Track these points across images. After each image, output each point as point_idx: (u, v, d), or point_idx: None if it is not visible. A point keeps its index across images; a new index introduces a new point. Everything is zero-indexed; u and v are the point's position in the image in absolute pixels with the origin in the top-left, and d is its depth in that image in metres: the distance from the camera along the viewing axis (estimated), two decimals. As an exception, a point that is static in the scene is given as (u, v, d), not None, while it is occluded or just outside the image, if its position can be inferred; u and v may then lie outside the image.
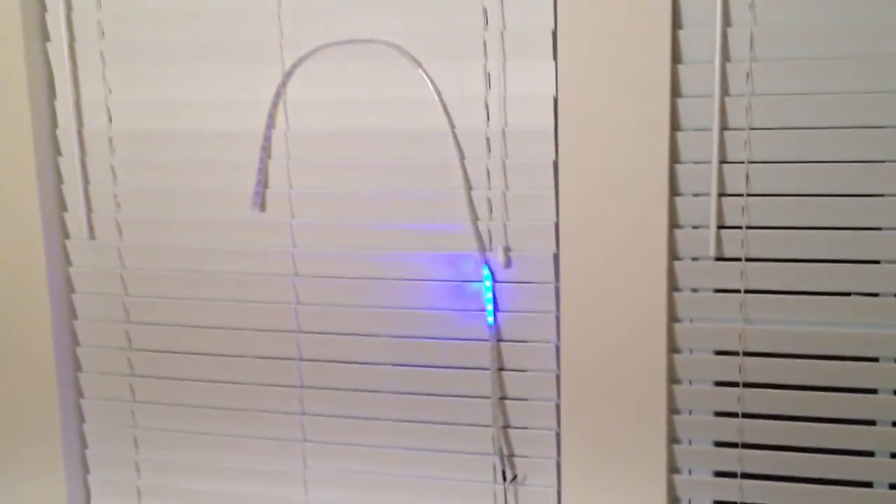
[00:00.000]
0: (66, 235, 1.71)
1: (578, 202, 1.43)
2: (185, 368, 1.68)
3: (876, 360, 1.39)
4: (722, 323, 1.43)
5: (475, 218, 1.49)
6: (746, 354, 1.42)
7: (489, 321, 1.50)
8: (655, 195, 1.40)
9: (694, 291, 1.44)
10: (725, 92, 1.36)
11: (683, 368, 1.45)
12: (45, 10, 1.63)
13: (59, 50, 1.63)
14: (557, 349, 1.49)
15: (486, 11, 1.44)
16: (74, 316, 1.73)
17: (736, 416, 1.44)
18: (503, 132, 1.46)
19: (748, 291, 1.41)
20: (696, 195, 1.40)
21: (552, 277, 1.48)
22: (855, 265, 1.36)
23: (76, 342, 1.74)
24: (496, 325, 1.51)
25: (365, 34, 1.49)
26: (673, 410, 1.47)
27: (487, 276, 1.49)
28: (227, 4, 1.54)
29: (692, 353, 1.46)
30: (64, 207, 1.70)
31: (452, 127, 1.47)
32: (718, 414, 1.46)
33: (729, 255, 1.40)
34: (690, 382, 1.47)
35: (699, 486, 1.48)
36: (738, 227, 1.39)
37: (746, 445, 1.45)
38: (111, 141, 1.65)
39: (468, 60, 1.45)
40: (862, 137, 1.33)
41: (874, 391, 1.39)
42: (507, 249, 1.48)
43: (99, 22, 1.61)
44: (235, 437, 1.68)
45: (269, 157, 1.57)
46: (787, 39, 1.33)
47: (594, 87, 1.39)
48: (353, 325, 1.58)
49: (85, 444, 1.77)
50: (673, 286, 1.43)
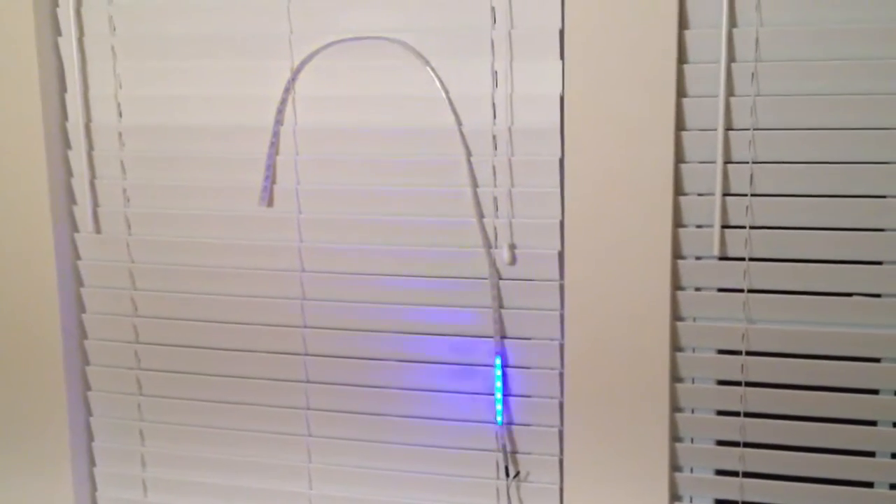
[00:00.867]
0: (74, 229, 1.72)
1: (584, 200, 1.43)
2: (191, 362, 1.69)
3: (878, 360, 1.39)
4: (725, 322, 1.43)
5: (481, 215, 1.50)
6: (749, 354, 1.43)
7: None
8: (660, 194, 1.40)
9: (697, 290, 1.45)
10: (730, 92, 1.37)
11: (686, 367, 1.46)
12: (56, 4, 1.64)
13: (69, 44, 1.64)
14: (561, 347, 1.50)
15: (494, 10, 1.45)
16: (83, 309, 1.74)
17: (738, 415, 1.45)
18: (510, 130, 1.47)
19: (751, 291, 1.41)
20: (700, 195, 1.41)
21: (557, 275, 1.49)
22: (858, 266, 1.37)
23: (84, 335, 1.75)
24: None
25: (374, 31, 1.50)
26: (675, 409, 1.48)
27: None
28: (237, 0, 1.55)
29: (695, 351, 1.47)
30: (73, 201, 1.71)
31: (459, 124, 1.48)
32: (721, 413, 1.47)
33: (732, 254, 1.41)
34: (693, 381, 1.47)
35: (701, 484, 1.49)
36: (741, 226, 1.40)
37: (748, 444, 1.45)
38: (121, 135, 1.66)
39: (476, 59, 1.46)
40: (866, 139, 1.33)
41: (876, 392, 1.40)
42: (512, 247, 1.49)
43: (110, 17, 1.62)
44: (240, 431, 1.69)
45: (277, 152, 1.58)
46: (792, 40, 1.34)
47: (600, 86, 1.40)
48: (358, 321, 1.59)
49: (91, 436, 1.79)
50: (676, 285, 1.44)
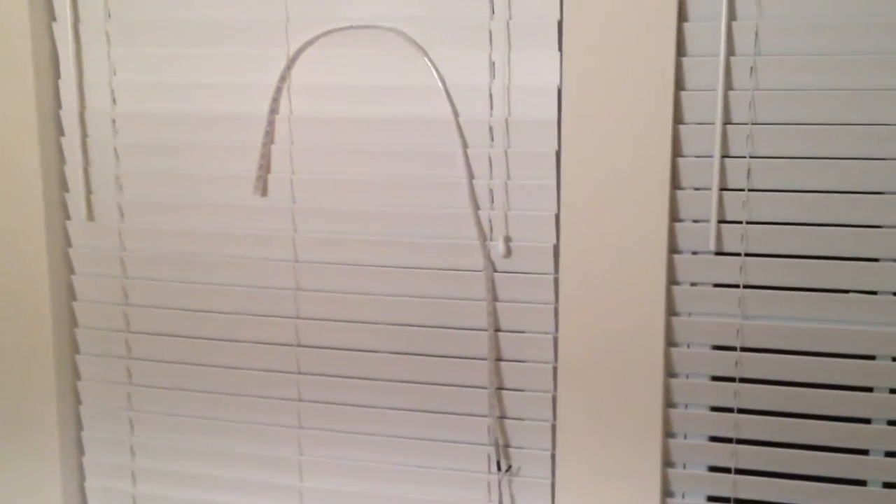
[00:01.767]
0: (66, 216, 1.71)
1: (580, 193, 1.43)
2: (182, 352, 1.68)
3: (873, 358, 1.39)
4: (720, 318, 1.43)
5: (476, 206, 1.49)
6: (744, 350, 1.42)
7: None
8: (657, 188, 1.40)
9: (693, 285, 1.44)
10: (729, 86, 1.36)
11: (680, 362, 1.45)
12: (51, -11, 1.64)
13: (64, 29, 1.63)
14: (555, 340, 1.50)
15: (492, 1, 1.44)
16: (73, 297, 1.73)
17: (732, 411, 1.44)
18: (506, 122, 1.46)
19: (747, 287, 1.41)
20: (697, 189, 1.40)
21: (552, 268, 1.48)
22: (854, 262, 1.36)
23: (74, 323, 1.74)
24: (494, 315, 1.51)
25: (371, 20, 1.49)
26: (669, 404, 1.47)
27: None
28: (233, -12, 1.55)
29: (689, 347, 1.46)
30: (65, 188, 1.70)
31: (456, 115, 1.48)
32: (714, 409, 1.46)
33: (729, 249, 1.41)
34: (687, 376, 1.47)
35: (693, 480, 1.48)
36: (738, 222, 1.39)
37: (741, 441, 1.45)
38: (114, 122, 1.65)
39: (473, 49, 1.46)
40: (863, 134, 1.33)
41: (870, 389, 1.39)
42: (507, 239, 1.49)
43: (105, 2, 1.61)
44: (231, 421, 1.68)
45: (271, 141, 1.57)
46: (792, 35, 1.33)
47: (598, 78, 1.39)
48: (351, 311, 1.58)
49: (81, 425, 1.77)
50: (672, 280, 1.44)
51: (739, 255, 1.40)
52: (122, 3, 1.60)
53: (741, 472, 1.46)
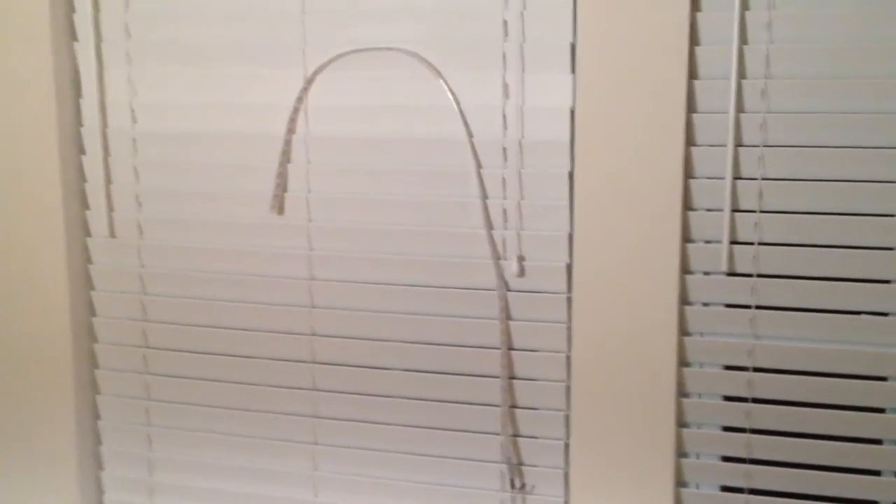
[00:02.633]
0: (87, 233, 1.73)
1: (592, 214, 1.44)
2: (200, 368, 1.70)
3: (884, 379, 1.39)
4: (732, 338, 1.43)
5: (490, 226, 1.50)
6: (756, 370, 1.43)
7: None
8: (669, 209, 1.41)
9: (705, 306, 1.45)
10: (740, 108, 1.37)
11: (693, 382, 1.46)
12: (73, 10, 1.66)
13: (86, 50, 1.66)
14: (568, 359, 1.50)
15: (506, 23, 1.45)
16: (93, 313, 1.76)
17: (744, 431, 1.45)
18: (520, 142, 1.47)
19: (759, 307, 1.41)
20: (709, 210, 1.41)
21: (565, 288, 1.49)
22: (865, 284, 1.37)
23: (94, 339, 1.76)
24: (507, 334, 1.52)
25: (386, 42, 1.51)
26: (681, 424, 1.47)
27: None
28: (252, 9, 1.57)
29: (702, 367, 1.46)
30: (86, 206, 1.72)
31: (470, 136, 1.49)
32: (726, 429, 1.46)
33: (740, 270, 1.41)
34: (699, 396, 1.47)
35: (706, 500, 1.48)
36: (750, 242, 1.40)
37: (753, 461, 1.45)
38: (135, 141, 1.67)
39: (487, 70, 1.47)
40: (875, 156, 1.33)
41: (881, 410, 1.39)
42: (520, 258, 1.50)
43: (126, 23, 1.64)
44: (247, 437, 1.70)
45: (288, 160, 1.59)
46: (803, 58, 1.34)
47: (611, 100, 1.40)
48: (366, 329, 1.60)
49: (99, 440, 1.79)
50: (684, 300, 1.44)
51: (751, 275, 1.41)
52: (142, 24, 1.63)
53: (754, 491, 1.46)
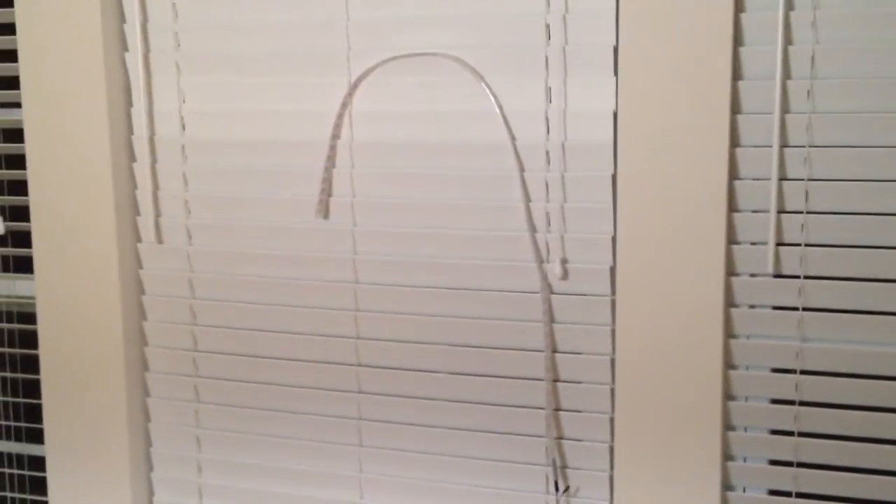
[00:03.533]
0: (137, 239, 1.76)
1: (636, 216, 1.44)
2: (247, 371, 1.72)
3: (935, 381, 1.37)
4: (779, 340, 1.42)
5: (533, 229, 1.51)
6: (803, 373, 1.41)
7: None
8: (714, 211, 1.40)
9: (751, 308, 1.44)
10: (786, 109, 1.36)
11: (739, 385, 1.45)
12: (123, 20, 1.69)
13: (135, 60, 1.69)
14: (612, 362, 1.50)
15: (548, 27, 1.46)
16: (143, 317, 1.79)
17: (791, 434, 1.43)
18: (563, 146, 1.47)
19: (806, 309, 1.40)
20: (754, 211, 1.40)
21: (608, 290, 1.49)
22: (915, 285, 1.35)
23: (144, 342, 1.79)
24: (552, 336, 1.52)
25: (429, 48, 1.52)
26: (728, 427, 1.46)
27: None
28: (297, 18, 1.59)
29: (748, 369, 1.45)
30: (137, 212, 1.76)
31: (513, 139, 1.50)
32: (774, 432, 1.45)
33: (787, 272, 1.40)
34: (746, 399, 1.46)
35: (753, 503, 1.47)
36: (797, 244, 1.39)
37: (801, 464, 1.44)
38: (183, 148, 1.70)
39: (530, 74, 1.48)
40: (924, 157, 1.32)
41: (933, 413, 1.38)
42: (564, 261, 1.50)
43: (175, 33, 1.67)
44: (294, 439, 1.71)
45: (333, 165, 1.61)
46: (848, 58, 1.33)
47: (654, 102, 1.40)
48: (410, 332, 1.61)
49: (150, 441, 1.82)
50: (730, 302, 1.43)
51: (798, 277, 1.40)
52: (190, 34, 1.66)
53: (801, 495, 1.44)
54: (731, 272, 1.43)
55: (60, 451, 1.83)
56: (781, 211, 1.39)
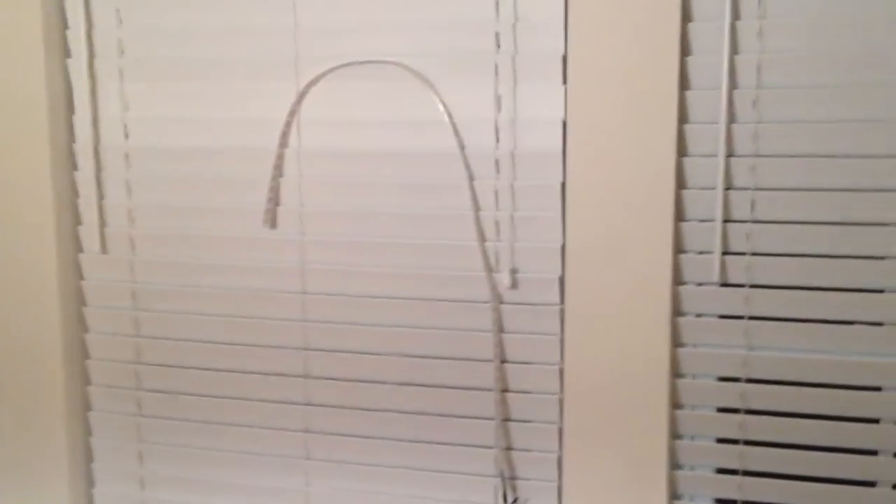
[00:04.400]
0: (79, 249, 1.73)
1: (585, 225, 1.44)
2: (192, 384, 1.69)
3: (879, 389, 1.38)
4: (725, 349, 1.43)
5: (482, 238, 1.50)
6: (749, 381, 1.42)
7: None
8: (661, 220, 1.41)
9: (698, 317, 1.44)
10: (732, 119, 1.37)
11: (686, 394, 1.45)
12: (66, 26, 1.66)
13: (78, 66, 1.66)
14: (561, 371, 1.50)
15: (497, 35, 1.46)
16: (85, 329, 1.75)
17: (737, 442, 1.44)
18: (512, 154, 1.47)
19: (752, 318, 1.41)
20: (701, 220, 1.41)
21: (557, 300, 1.49)
22: (859, 294, 1.36)
23: (86, 355, 1.76)
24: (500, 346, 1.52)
25: (378, 55, 1.51)
26: (675, 436, 1.47)
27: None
28: (244, 24, 1.57)
29: (695, 378, 1.46)
30: (78, 221, 1.72)
31: (462, 148, 1.49)
32: (720, 440, 1.46)
33: (733, 280, 1.41)
34: (693, 408, 1.47)
35: (700, 512, 1.48)
36: (743, 253, 1.40)
37: (747, 473, 1.44)
38: (127, 156, 1.67)
39: (479, 82, 1.47)
40: (867, 166, 1.34)
41: (876, 421, 1.39)
42: (513, 271, 1.50)
43: (119, 39, 1.64)
44: (240, 453, 1.69)
45: (280, 174, 1.59)
46: (794, 67, 1.34)
47: (603, 111, 1.41)
48: (359, 342, 1.59)
49: (91, 457, 1.78)
50: (677, 311, 1.44)
51: (744, 286, 1.41)
52: (135, 40, 1.63)
53: (748, 503, 1.46)
54: (678, 281, 1.44)
55: (-3, 466, 1.79)
56: (728, 220, 1.40)
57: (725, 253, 1.41)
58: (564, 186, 1.45)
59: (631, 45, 1.38)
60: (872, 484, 1.41)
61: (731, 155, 1.38)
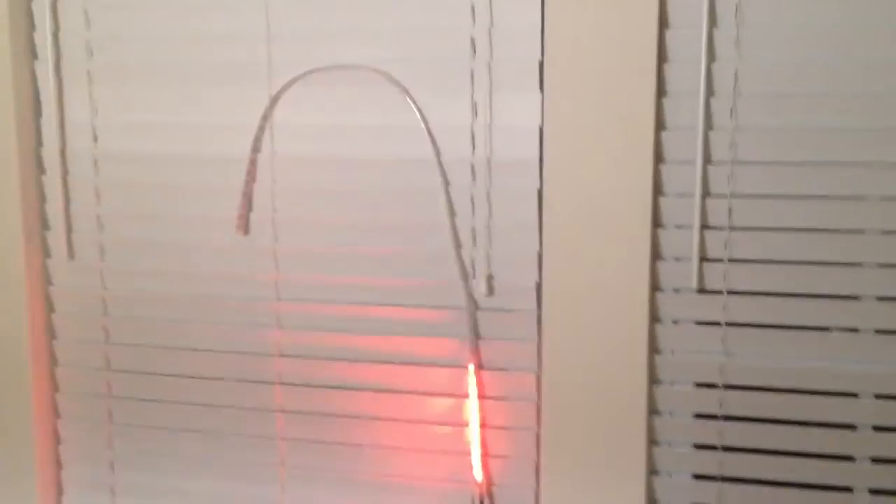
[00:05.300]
0: (47, 255, 1.70)
1: (562, 232, 1.43)
2: (163, 391, 1.67)
3: (855, 395, 1.39)
4: (703, 355, 1.43)
5: (458, 245, 1.49)
6: (727, 387, 1.43)
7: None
8: (638, 226, 1.40)
9: (675, 323, 1.44)
10: (709, 125, 1.37)
11: (664, 400, 1.45)
12: (33, 28, 1.63)
13: (45, 69, 1.63)
14: (538, 378, 1.49)
15: (473, 41, 1.45)
16: (53, 336, 1.72)
17: (715, 448, 1.44)
18: (488, 161, 1.46)
19: (729, 324, 1.41)
20: (678, 227, 1.41)
21: (534, 306, 1.48)
22: (835, 300, 1.37)
23: (55, 362, 1.73)
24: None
25: (353, 60, 1.50)
26: (653, 442, 1.47)
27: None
28: (215, 28, 1.55)
29: (673, 384, 1.46)
30: (46, 226, 1.69)
31: (438, 154, 1.48)
32: (698, 447, 1.46)
33: (711, 287, 1.41)
34: (671, 414, 1.47)
35: (678, 518, 1.48)
36: (720, 259, 1.40)
37: (726, 479, 1.45)
38: (95, 161, 1.64)
39: (455, 89, 1.46)
40: (844, 174, 1.34)
41: (853, 427, 1.40)
42: (489, 277, 1.49)
43: (87, 42, 1.61)
44: (212, 460, 1.67)
45: (253, 180, 1.57)
46: (771, 75, 1.34)
47: (579, 118, 1.40)
48: (333, 350, 1.58)
49: (60, 465, 1.76)
50: (655, 317, 1.44)
51: (721, 292, 1.41)
52: (103, 42, 1.60)
53: (725, 509, 1.46)
54: (655, 287, 1.43)
55: (-36, 476, 1.76)
56: (705, 227, 1.40)
57: (703, 259, 1.41)
58: (541, 193, 1.44)
59: (608, 51, 1.37)
60: (849, 490, 1.41)
61: (708, 161, 1.38)
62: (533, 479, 1.52)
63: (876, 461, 1.39)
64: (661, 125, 1.39)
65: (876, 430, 1.39)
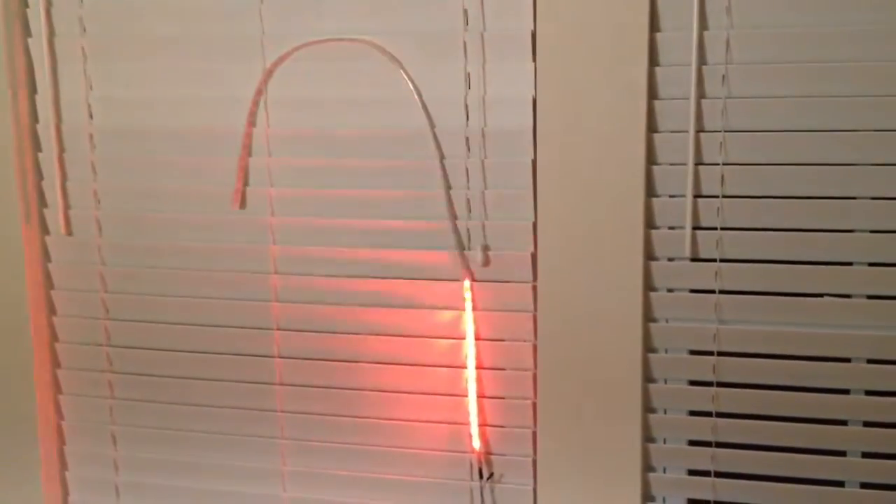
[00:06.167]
0: (45, 231, 1.71)
1: (556, 202, 1.44)
2: (162, 365, 1.68)
3: (848, 360, 1.40)
4: (697, 323, 1.44)
5: (454, 217, 1.50)
6: (720, 354, 1.44)
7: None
8: (632, 196, 1.41)
9: (669, 291, 1.45)
10: (701, 94, 1.38)
11: (658, 368, 1.47)
12: (26, 5, 1.63)
13: (39, 45, 1.63)
14: (535, 348, 1.51)
15: (466, 13, 1.45)
16: (53, 312, 1.73)
17: (710, 415, 1.46)
18: (483, 132, 1.47)
19: (723, 292, 1.42)
20: (672, 196, 1.42)
21: (530, 276, 1.49)
22: (828, 267, 1.38)
23: (55, 338, 1.74)
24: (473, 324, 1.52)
25: (346, 33, 1.50)
26: (648, 409, 1.48)
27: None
28: (209, 2, 1.55)
29: (667, 352, 1.47)
30: (44, 203, 1.70)
31: (432, 127, 1.48)
32: (692, 413, 1.47)
33: (704, 255, 1.42)
34: (665, 382, 1.48)
35: (673, 484, 1.49)
36: (713, 228, 1.41)
37: (720, 444, 1.46)
38: (91, 137, 1.65)
39: (448, 61, 1.46)
40: (835, 141, 1.34)
41: (846, 391, 1.41)
42: (485, 248, 1.50)
43: (80, 17, 1.61)
44: (212, 434, 1.68)
45: (249, 154, 1.58)
46: (762, 44, 1.35)
47: (572, 88, 1.40)
48: (330, 322, 1.59)
49: (63, 440, 1.77)
50: (649, 286, 1.45)
51: (715, 260, 1.42)
52: (97, 18, 1.60)
53: (720, 474, 1.47)
54: (649, 256, 1.44)
55: (-32, 452, 1.78)
56: (698, 195, 1.41)
57: (696, 228, 1.41)
58: (535, 163, 1.45)
59: (600, 21, 1.38)
60: (843, 453, 1.43)
61: (700, 130, 1.39)
62: (530, 447, 1.54)
63: (868, 425, 1.40)
64: (653, 94, 1.39)
65: (868, 394, 1.40)
